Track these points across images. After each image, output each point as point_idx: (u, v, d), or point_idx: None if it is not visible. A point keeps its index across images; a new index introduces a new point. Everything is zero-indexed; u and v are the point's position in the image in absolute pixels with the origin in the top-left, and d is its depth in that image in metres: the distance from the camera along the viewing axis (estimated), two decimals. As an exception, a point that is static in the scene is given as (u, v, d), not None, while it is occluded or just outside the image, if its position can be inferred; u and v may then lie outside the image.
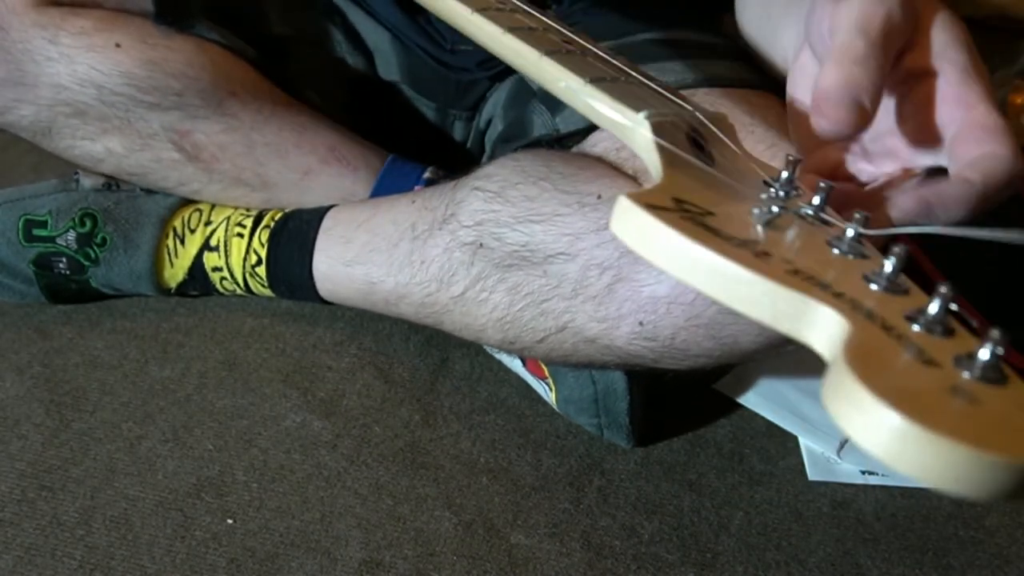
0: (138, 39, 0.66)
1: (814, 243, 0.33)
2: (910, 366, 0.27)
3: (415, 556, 0.57)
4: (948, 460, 0.24)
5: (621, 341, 0.55)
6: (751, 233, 0.32)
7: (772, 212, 0.34)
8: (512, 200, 0.58)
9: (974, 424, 0.25)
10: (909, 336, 0.28)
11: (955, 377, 0.27)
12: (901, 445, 0.24)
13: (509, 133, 0.74)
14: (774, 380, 0.73)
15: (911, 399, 0.25)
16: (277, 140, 0.71)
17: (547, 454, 0.65)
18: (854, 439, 0.25)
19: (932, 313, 0.29)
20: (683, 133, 0.40)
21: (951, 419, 0.25)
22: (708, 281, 0.30)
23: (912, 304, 0.30)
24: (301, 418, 0.66)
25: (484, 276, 0.59)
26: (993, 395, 0.26)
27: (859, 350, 0.26)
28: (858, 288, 0.30)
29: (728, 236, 0.31)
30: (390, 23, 0.77)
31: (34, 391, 0.66)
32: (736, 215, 0.33)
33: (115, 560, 0.55)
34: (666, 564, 0.59)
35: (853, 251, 0.33)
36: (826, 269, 0.31)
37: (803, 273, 0.30)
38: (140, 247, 0.71)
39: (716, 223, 0.32)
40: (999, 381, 0.27)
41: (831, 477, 0.65)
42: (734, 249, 0.30)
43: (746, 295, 0.29)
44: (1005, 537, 0.62)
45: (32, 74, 0.65)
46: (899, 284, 0.31)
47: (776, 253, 0.31)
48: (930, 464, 0.24)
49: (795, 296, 0.29)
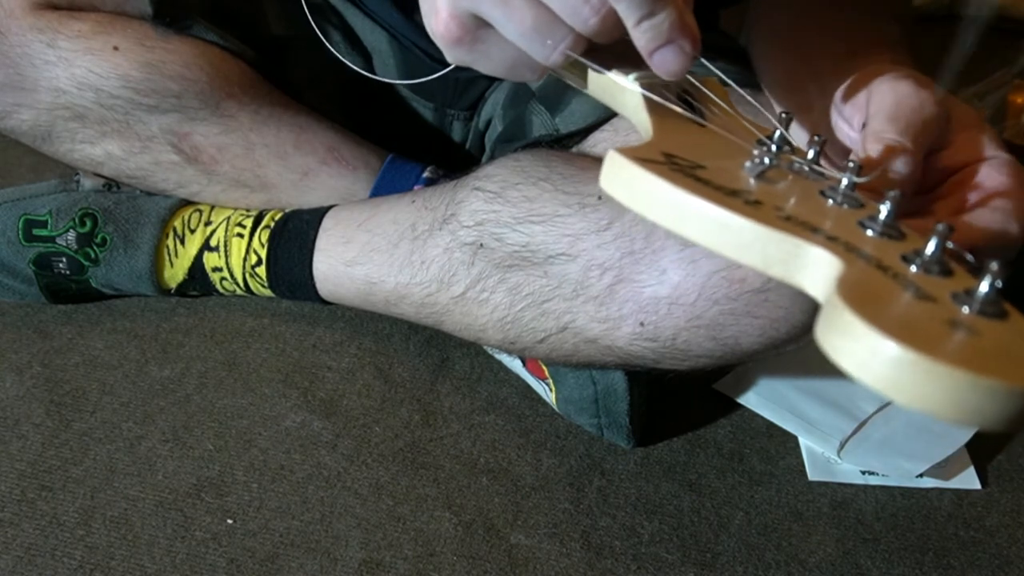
0: (136, 42, 0.66)
1: (807, 193, 0.33)
2: (907, 301, 0.26)
3: (415, 556, 0.57)
4: (947, 387, 0.24)
5: (622, 342, 0.55)
6: (743, 184, 0.32)
7: (764, 164, 0.34)
8: (512, 200, 0.58)
9: (973, 352, 0.24)
10: (906, 275, 0.28)
11: (954, 311, 0.26)
12: (899, 374, 0.24)
13: (509, 133, 0.74)
14: (774, 380, 0.73)
15: (908, 330, 0.24)
16: (276, 141, 0.71)
17: (547, 454, 0.65)
18: (850, 372, 0.25)
19: (929, 253, 0.29)
20: (674, 94, 0.40)
21: (949, 348, 0.24)
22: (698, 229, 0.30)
23: (910, 247, 0.30)
24: (301, 418, 0.66)
25: (484, 276, 0.59)
26: (993, 327, 0.26)
27: (854, 286, 0.26)
28: (853, 233, 0.30)
29: (718, 186, 0.31)
30: (387, 23, 0.77)
31: (34, 391, 0.66)
32: (727, 168, 0.33)
33: (115, 560, 0.55)
34: (666, 564, 0.59)
35: (848, 200, 0.33)
36: (819, 216, 0.31)
37: (795, 219, 0.30)
38: (140, 247, 0.71)
39: (706, 175, 0.32)
40: (999, 315, 0.27)
41: (831, 477, 0.65)
42: (724, 197, 0.30)
43: (736, 241, 0.29)
44: (1005, 537, 0.62)
45: (31, 78, 0.65)
46: (895, 228, 0.31)
47: (768, 201, 0.31)
48: (929, 392, 0.24)
49: (786, 239, 0.29)
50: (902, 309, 0.26)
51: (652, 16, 0.38)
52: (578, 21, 0.38)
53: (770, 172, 0.34)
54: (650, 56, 0.39)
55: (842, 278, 0.27)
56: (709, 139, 0.37)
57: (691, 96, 0.41)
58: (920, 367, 0.24)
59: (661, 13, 0.38)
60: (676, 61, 0.39)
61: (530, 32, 0.39)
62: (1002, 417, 0.24)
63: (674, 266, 0.52)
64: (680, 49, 0.39)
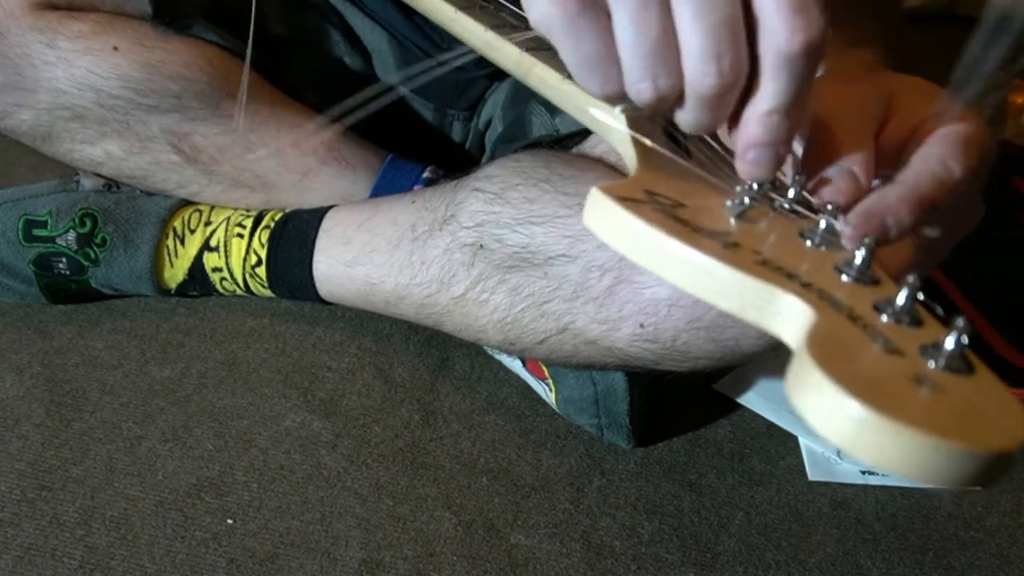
0: (135, 42, 0.66)
1: (786, 235, 0.33)
2: (875, 355, 0.27)
3: (415, 556, 0.57)
4: (909, 448, 0.24)
5: (622, 343, 0.55)
6: (722, 225, 0.32)
7: (744, 204, 0.34)
8: (512, 201, 0.58)
9: (935, 413, 0.25)
10: (876, 326, 0.28)
11: (920, 367, 0.26)
12: (862, 434, 0.24)
13: (509, 133, 0.74)
14: (774, 380, 0.73)
15: (873, 388, 0.25)
16: (275, 141, 0.71)
17: (547, 454, 0.65)
18: (816, 427, 0.25)
19: (900, 303, 0.29)
20: (659, 127, 0.40)
21: (912, 408, 0.24)
22: (677, 271, 0.30)
23: (882, 294, 0.30)
24: (301, 418, 0.66)
25: (484, 277, 0.59)
26: (958, 384, 0.26)
27: (823, 338, 0.26)
28: (827, 278, 0.30)
29: (698, 227, 0.31)
30: (387, 23, 0.77)
31: (34, 391, 0.66)
32: (708, 207, 0.33)
33: (115, 560, 0.55)
34: (666, 564, 0.59)
35: (825, 242, 0.33)
36: (796, 260, 0.31)
37: (772, 263, 0.30)
38: (140, 247, 0.71)
39: (687, 215, 0.32)
40: (965, 371, 0.27)
41: (831, 477, 0.65)
42: (703, 240, 0.30)
43: (714, 285, 0.29)
44: (1005, 537, 0.62)
45: (31, 78, 0.65)
46: (869, 275, 0.31)
47: (746, 244, 0.31)
48: (891, 453, 0.24)
49: (761, 286, 0.29)
50: (869, 364, 0.26)
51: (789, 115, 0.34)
52: (695, 77, 0.34)
53: (751, 211, 0.34)
54: (749, 150, 0.35)
55: (812, 331, 0.27)
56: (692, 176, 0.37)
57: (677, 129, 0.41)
58: (883, 428, 0.24)
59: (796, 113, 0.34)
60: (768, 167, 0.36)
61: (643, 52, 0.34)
62: (962, 478, 0.24)
63: None
64: (780, 157, 0.35)
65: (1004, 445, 0.24)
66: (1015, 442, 0.24)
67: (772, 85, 0.34)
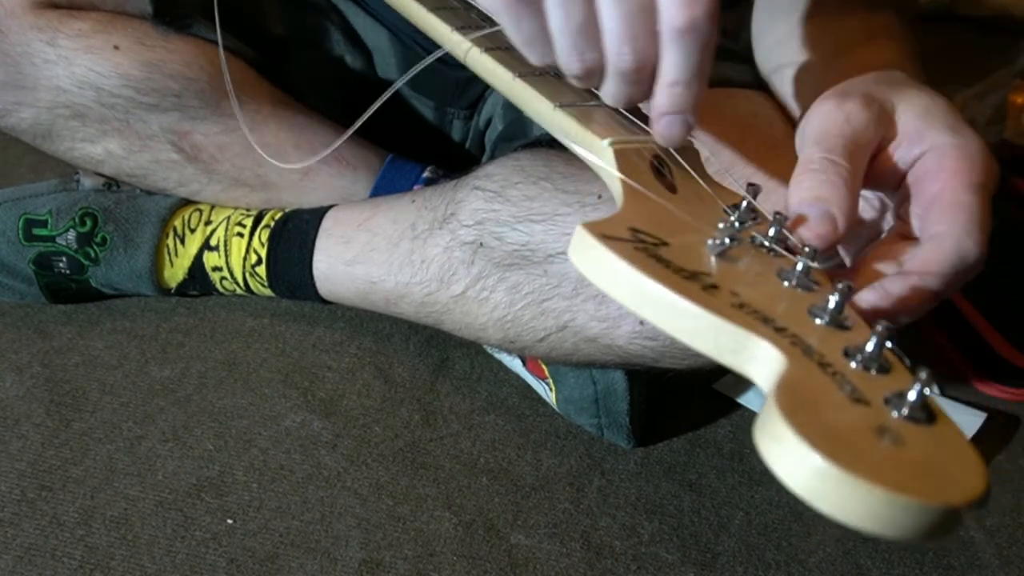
0: (136, 41, 0.66)
1: (764, 275, 0.34)
2: (840, 404, 0.27)
3: (415, 556, 0.57)
4: (865, 502, 0.24)
5: (622, 340, 0.55)
6: (702, 265, 0.33)
7: (725, 244, 0.34)
8: (512, 199, 0.58)
9: (894, 466, 0.25)
10: (844, 373, 0.29)
11: (883, 416, 0.27)
12: (821, 485, 0.25)
13: (509, 132, 0.74)
14: (774, 380, 0.72)
15: (834, 439, 0.25)
16: (276, 140, 0.71)
17: (547, 454, 0.65)
18: (779, 476, 0.26)
19: (868, 350, 0.29)
20: (646, 161, 0.40)
21: (871, 461, 0.25)
22: (656, 313, 0.31)
23: (853, 339, 0.30)
24: (301, 418, 0.66)
25: (484, 275, 0.59)
26: (918, 435, 0.27)
27: (791, 388, 0.27)
28: (801, 322, 0.31)
29: (678, 268, 0.32)
30: (388, 21, 0.77)
31: (34, 391, 0.66)
32: (690, 246, 0.34)
33: (115, 560, 0.55)
34: (666, 564, 0.59)
35: (801, 284, 0.33)
36: (772, 303, 0.31)
37: (748, 307, 0.31)
38: (140, 247, 0.71)
39: (669, 254, 0.32)
40: (926, 420, 0.27)
41: (831, 477, 0.65)
42: (682, 282, 0.31)
43: (691, 328, 0.30)
44: (1005, 537, 0.62)
45: (31, 77, 0.65)
46: (843, 319, 0.32)
47: (724, 286, 0.32)
48: (848, 505, 0.25)
49: (737, 331, 0.29)
50: (834, 414, 0.27)
51: (688, 85, 0.38)
52: (614, 56, 0.38)
53: (731, 251, 0.34)
54: (660, 118, 0.40)
55: (781, 380, 0.27)
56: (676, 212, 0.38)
57: (663, 162, 0.41)
58: (842, 481, 0.24)
59: (696, 84, 0.38)
60: (679, 131, 0.40)
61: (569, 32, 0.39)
62: (918, 531, 0.25)
63: None
64: (686, 123, 0.40)
65: (960, 499, 0.25)
66: (971, 495, 0.25)
67: (669, 58, 0.38)
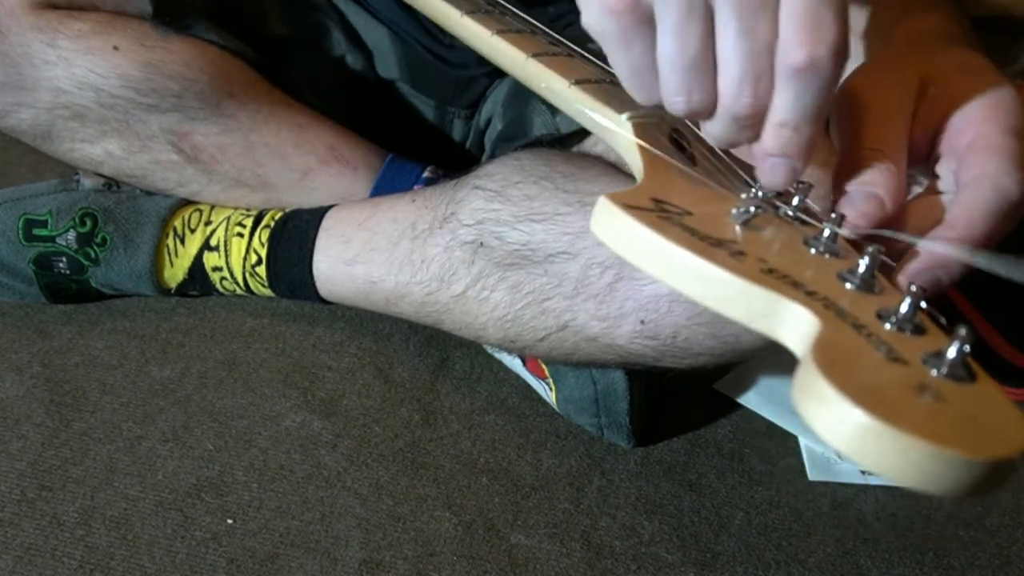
0: (136, 41, 0.66)
1: (791, 242, 0.33)
2: (878, 364, 0.27)
3: (415, 556, 0.57)
4: (910, 456, 0.24)
5: (622, 340, 0.55)
6: (728, 233, 0.33)
7: (750, 212, 0.34)
8: (513, 199, 0.58)
9: (937, 421, 0.25)
10: (879, 334, 0.28)
11: (922, 375, 0.27)
12: (865, 441, 0.25)
13: (509, 132, 0.74)
14: (774, 380, 0.72)
15: (876, 396, 0.25)
16: (276, 140, 0.71)
17: (547, 454, 0.65)
18: (820, 435, 0.25)
19: (903, 312, 0.29)
20: (665, 134, 0.40)
21: (915, 416, 0.25)
22: (684, 280, 0.30)
23: (885, 303, 0.30)
24: (301, 418, 0.66)
25: (485, 275, 0.59)
26: (959, 392, 0.26)
27: (828, 348, 0.27)
28: (832, 286, 0.30)
29: (705, 236, 0.31)
30: (389, 20, 0.78)
31: (34, 391, 0.66)
32: (715, 215, 0.34)
33: (115, 560, 0.55)
34: (666, 564, 0.59)
35: (829, 250, 0.33)
36: (801, 268, 0.31)
37: (777, 272, 0.30)
38: (140, 247, 0.71)
39: (694, 223, 0.32)
40: (967, 379, 0.27)
41: (831, 477, 0.65)
42: (710, 248, 0.30)
43: (721, 294, 0.30)
44: (1005, 537, 0.62)
45: (31, 77, 0.65)
46: (873, 283, 0.31)
47: (751, 252, 0.31)
48: (893, 460, 0.24)
49: (768, 295, 0.29)
50: (872, 372, 0.26)
51: (798, 129, 0.35)
52: (730, 98, 0.35)
53: (756, 219, 0.34)
54: (766, 159, 0.36)
55: (818, 339, 0.27)
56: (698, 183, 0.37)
57: (682, 135, 0.41)
58: (885, 436, 0.24)
59: (808, 128, 0.35)
60: (783, 177, 0.36)
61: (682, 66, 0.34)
62: (962, 485, 0.24)
63: None
64: (792, 168, 0.36)
65: (1004, 453, 0.24)
66: (1014, 450, 0.25)
67: (781, 97, 0.34)
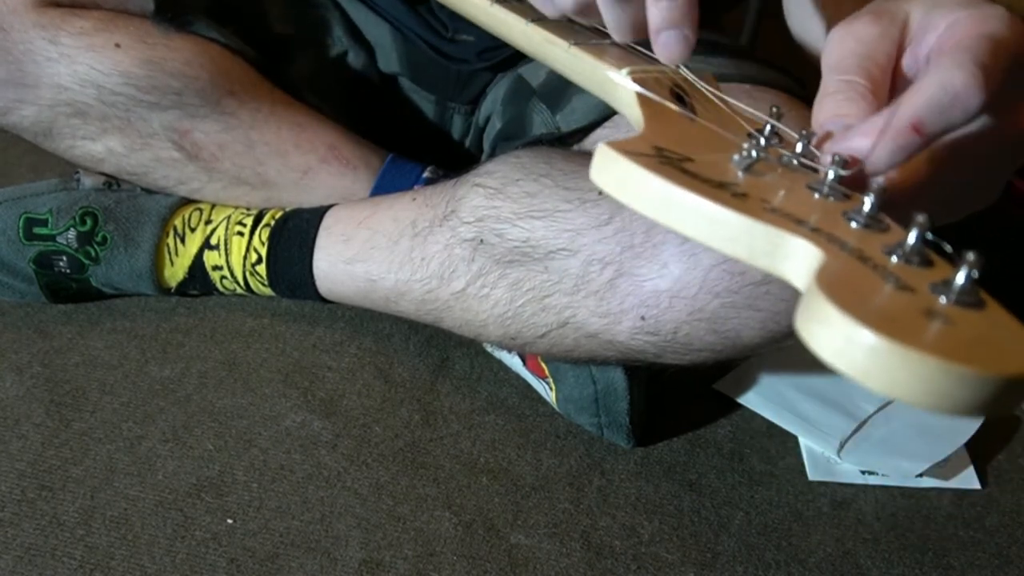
0: (137, 39, 0.66)
1: (794, 186, 0.34)
2: (885, 292, 0.27)
3: (415, 556, 0.57)
4: (920, 374, 0.24)
5: (623, 336, 0.55)
6: (730, 177, 0.33)
7: (752, 158, 0.34)
8: (513, 196, 0.58)
9: (947, 341, 0.25)
10: (886, 266, 0.28)
11: (931, 301, 0.27)
12: (873, 362, 0.24)
13: (509, 131, 0.74)
14: (774, 380, 0.73)
15: (884, 319, 0.25)
16: (276, 139, 0.71)
17: (547, 454, 0.65)
18: (826, 359, 0.25)
19: (910, 244, 0.29)
20: (666, 88, 0.41)
21: (924, 336, 0.25)
22: (686, 221, 0.30)
23: (892, 239, 0.30)
24: (301, 418, 0.66)
25: (485, 272, 0.59)
26: (969, 317, 0.26)
27: (833, 275, 0.27)
28: (837, 224, 0.31)
29: (706, 178, 0.31)
30: (390, 15, 0.78)
31: (34, 391, 0.66)
32: (715, 161, 0.34)
33: (115, 560, 0.55)
34: (666, 564, 0.58)
35: (834, 193, 0.33)
36: (805, 208, 0.31)
37: (780, 211, 0.30)
38: (140, 246, 0.71)
39: (695, 168, 0.32)
40: (976, 305, 0.27)
41: (831, 477, 0.65)
42: (711, 190, 0.31)
43: (723, 233, 0.30)
44: (1005, 537, 0.62)
45: (33, 74, 0.65)
46: (879, 220, 0.31)
47: (754, 194, 0.31)
48: (902, 379, 0.24)
49: (771, 231, 0.29)
50: (880, 299, 0.26)
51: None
52: None
53: (758, 165, 0.34)
54: (657, 36, 0.42)
55: (822, 268, 0.27)
56: (699, 133, 0.38)
57: (683, 91, 0.41)
58: (894, 355, 0.24)
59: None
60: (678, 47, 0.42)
61: None
62: (973, 404, 0.24)
63: (675, 260, 0.52)
64: (684, 37, 0.41)
65: (1017, 369, 0.24)
66: None
67: None
